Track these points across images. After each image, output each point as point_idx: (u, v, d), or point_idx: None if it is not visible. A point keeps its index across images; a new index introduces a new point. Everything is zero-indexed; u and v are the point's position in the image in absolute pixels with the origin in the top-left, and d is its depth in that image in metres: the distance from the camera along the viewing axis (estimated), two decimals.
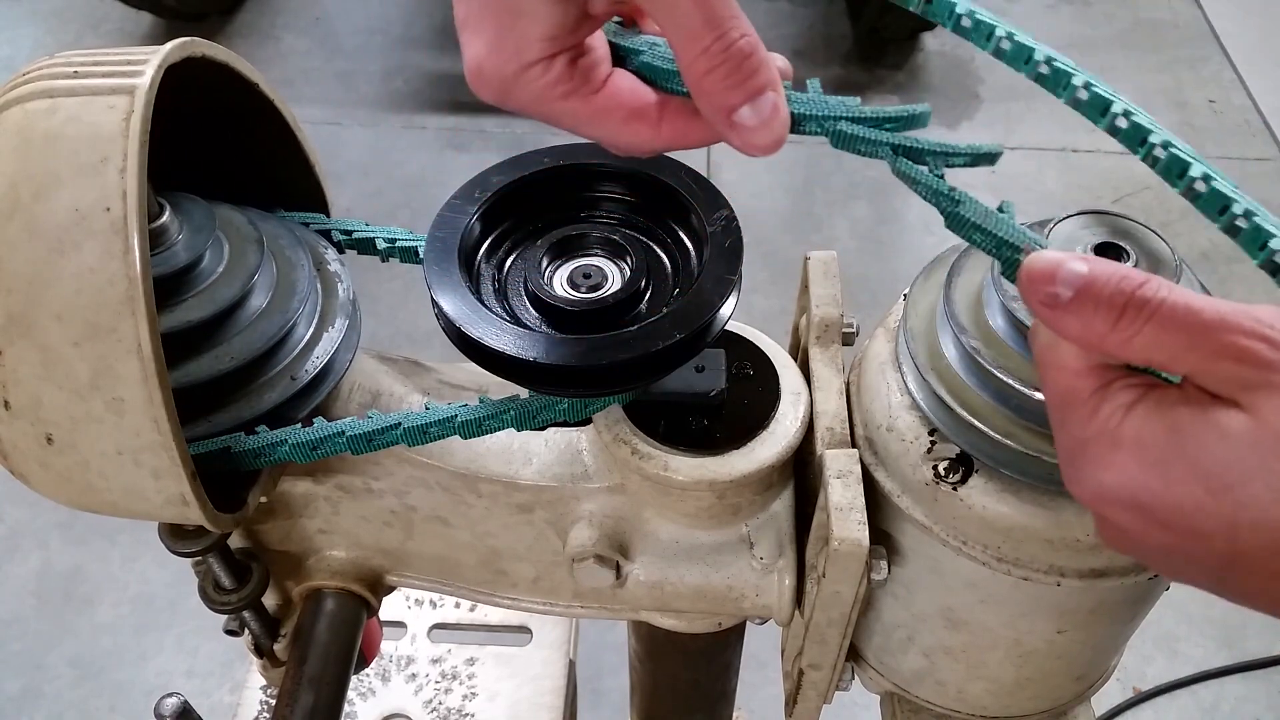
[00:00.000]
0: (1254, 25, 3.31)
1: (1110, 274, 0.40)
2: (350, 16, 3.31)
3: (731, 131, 0.43)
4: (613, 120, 0.46)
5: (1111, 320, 0.40)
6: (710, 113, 0.43)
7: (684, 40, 0.42)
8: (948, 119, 2.97)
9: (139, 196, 0.48)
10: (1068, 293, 0.41)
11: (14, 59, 3.08)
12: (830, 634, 0.62)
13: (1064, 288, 0.41)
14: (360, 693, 1.17)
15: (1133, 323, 0.39)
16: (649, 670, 0.84)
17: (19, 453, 0.53)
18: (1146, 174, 0.46)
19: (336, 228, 0.69)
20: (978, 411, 0.53)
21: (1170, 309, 0.39)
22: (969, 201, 0.47)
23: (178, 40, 0.54)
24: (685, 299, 0.55)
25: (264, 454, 0.57)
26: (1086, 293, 0.40)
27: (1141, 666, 1.84)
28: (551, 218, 0.62)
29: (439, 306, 0.55)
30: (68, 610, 1.91)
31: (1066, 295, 0.41)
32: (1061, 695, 0.66)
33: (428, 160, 2.80)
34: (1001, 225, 0.46)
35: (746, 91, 0.42)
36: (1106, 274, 0.40)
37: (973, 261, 0.58)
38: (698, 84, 0.42)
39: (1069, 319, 0.41)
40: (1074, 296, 0.40)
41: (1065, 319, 0.41)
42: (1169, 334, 0.39)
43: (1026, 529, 0.54)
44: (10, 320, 0.49)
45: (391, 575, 0.73)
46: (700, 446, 0.59)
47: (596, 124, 0.46)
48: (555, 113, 0.46)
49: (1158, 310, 0.39)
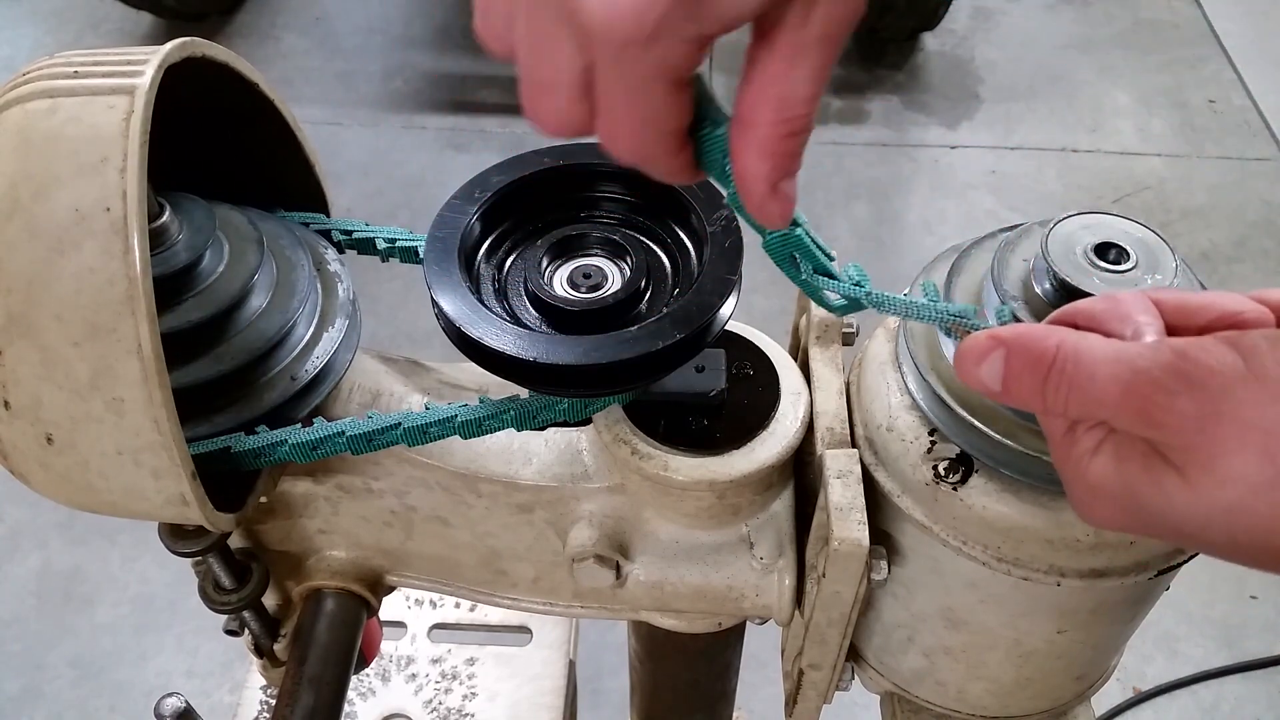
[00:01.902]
0: (1254, 25, 3.31)
1: (1024, 350, 0.41)
2: (350, 16, 3.31)
3: (773, 199, 0.40)
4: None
5: (1039, 395, 0.41)
6: (758, 177, 0.40)
7: (777, 89, 0.38)
8: (947, 119, 2.97)
9: (139, 196, 0.47)
10: (996, 386, 0.43)
11: (14, 59, 3.08)
12: (830, 634, 0.62)
13: (990, 380, 0.43)
14: (360, 693, 1.17)
15: (1057, 392, 0.40)
16: (649, 670, 0.84)
17: (19, 453, 0.53)
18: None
19: (336, 228, 0.69)
20: (978, 411, 0.53)
21: (1082, 379, 0.40)
22: (889, 298, 0.50)
23: (178, 40, 0.54)
24: (685, 299, 0.55)
25: (264, 454, 0.57)
26: (1009, 379, 0.42)
27: (1141, 666, 1.84)
28: (552, 218, 0.62)
29: (439, 306, 0.55)
30: (68, 610, 1.91)
31: (995, 387, 0.43)
32: (1062, 695, 0.66)
33: (428, 160, 2.80)
34: (927, 312, 0.49)
35: (794, 166, 0.40)
36: (1021, 351, 0.42)
37: (973, 261, 0.58)
38: (767, 142, 0.39)
39: (1009, 399, 0.43)
40: (1001, 384, 0.42)
41: (1005, 399, 0.43)
42: (1090, 402, 0.40)
43: (1026, 529, 0.54)
44: (10, 320, 0.49)
45: (391, 575, 0.73)
46: (700, 446, 0.59)
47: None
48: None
49: (1071, 380, 0.40)
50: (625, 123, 0.39)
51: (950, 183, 2.79)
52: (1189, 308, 0.42)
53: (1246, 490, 0.36)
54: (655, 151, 0.40)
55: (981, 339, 0.43)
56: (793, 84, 0.38)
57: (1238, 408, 0.36)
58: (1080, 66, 3.15)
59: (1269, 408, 0.36)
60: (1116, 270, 0.51)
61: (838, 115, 2.99)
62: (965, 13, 3.32)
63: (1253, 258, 2.61)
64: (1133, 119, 2.97)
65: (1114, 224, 0.53)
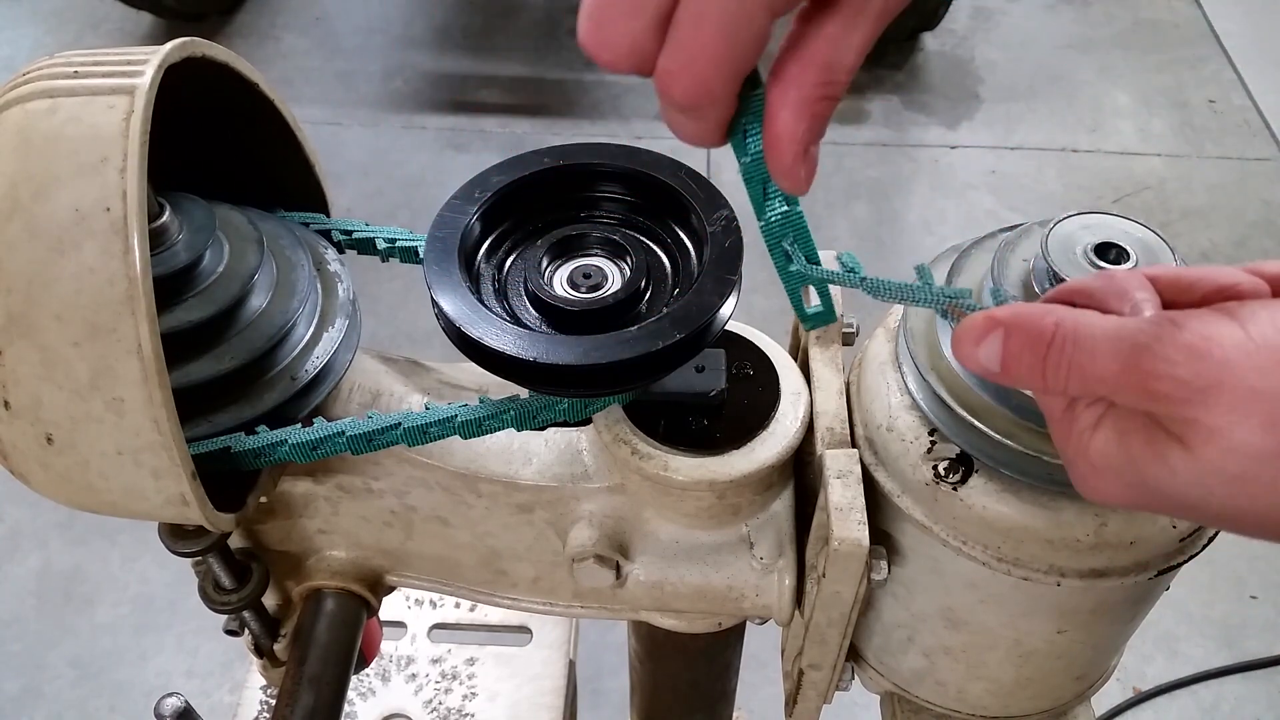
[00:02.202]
0: (1254, 25, 3.31)
1: (1022, 329, 0.41)
2: (350, 16, 3.31)
3: (803, 161, 0.41)
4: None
5: (1039, 373, 0.41)
6: (794, 137, 0.40)
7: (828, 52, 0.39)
8: (948, 119, 2.97)
9: (139, 196, 0.47)
10: (995, 366, 0.42)
11: (14, 59, 3.08)
12: (830, 634, 0.62)
13: (989, 361, 0.42)
14: (360, 693, 1.17)
15: (1057, 369, 0.40)
16: (649, 670, 0.84)
17: (19, 453, 0.53)
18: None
19: (336, 228, 0.69)
20: (978, 411, 0.53)
21: (1081, 356, 0.39)
22: (884, 283, 0.50)
23: (177, 40, 0.54)
24: (685, 299, 0.55)
25: (264, 454, 0.57)
26: (1008, 359, 0.42)
27: (1141, 666, 1.84)
28: (552, 218, 0.62)
29: (439, 306, 0.55)
30: (68, 610, 1.91)
31: (994, 368, 0.42)
32: (1062, 695, 0.66)
33: (428, 160, 2.80)
34: (923, 295, 0.48)
35: (823, 131, 0.41)
36: (1019, 331, 0.41)
37: (973, 261, 0.58)
38: (807, 103, 0.39)
39: (1008, 379, 0.42)
40: (1000, 364, 0.42)
41: (1005, 379, 0.43)
42: (1091, 378, 0.39)
43: (1026, 529, 0.54)
44: (10, 320, 0.49)
45: (391, 575, 0.73)
46: (700, 446, 0.59)
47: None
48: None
49: (1071, 357, 0.40)
50: (703, 55, 0.37)
51: (950, 183, 2.79)
52: (1184, 282, 0.42)
53: (1250, 460, 0.36)
54: (716, 95, 0.39)
55: (979, 320, 0.43)
56: (844, 50, 0.39)
57: (1239, 376, 0.36)
58: (1080, 66, 3.15)
59: (1271, 376, 0.36)
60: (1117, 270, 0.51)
61: (838, 115, 2.93)
62: (965, 13, 3.32)
63: (1253, 257, 2.59)
64: (1133, 119, 2.97)
65: (1114, 224, 0.53)
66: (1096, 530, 0.53)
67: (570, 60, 3.14)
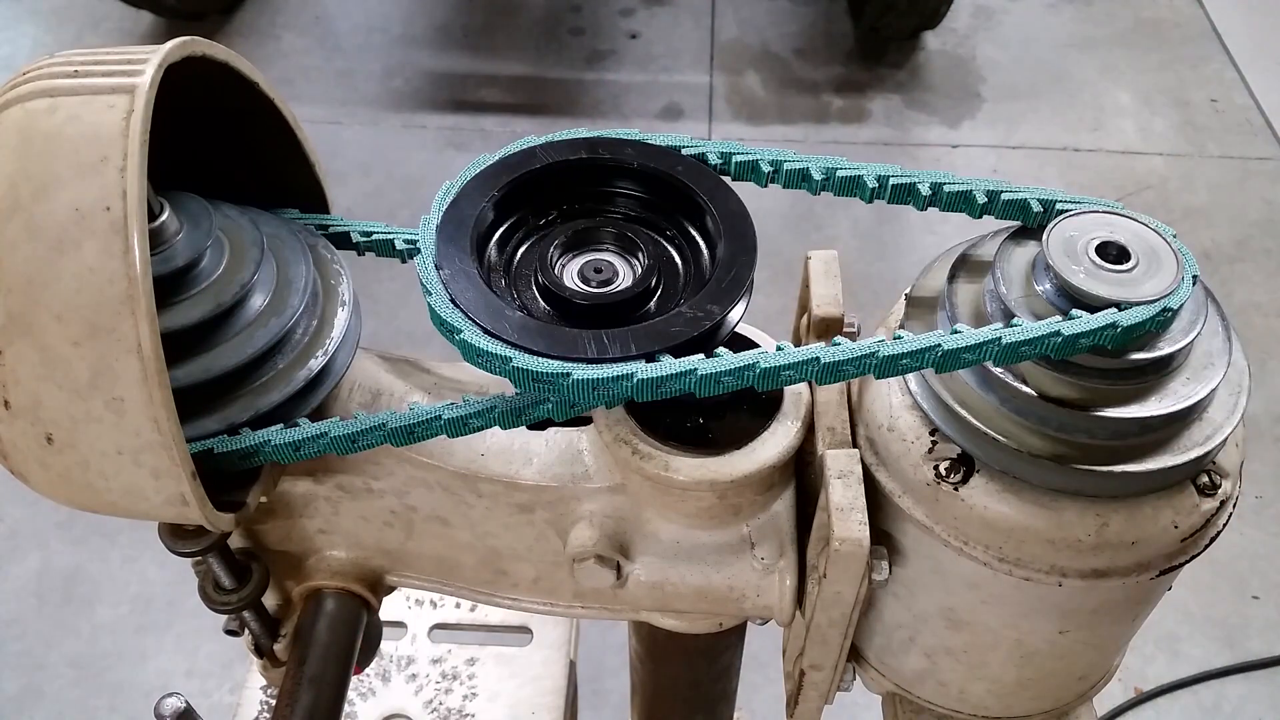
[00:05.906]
0: (1255, 24, 3.31)
1: None
2: (350, 15, 3.31)
3: None
4: None
5: None
6: None
7: None
8: (949, 118, 2.97)
9: (139, 196, 0.47)
10: None
11: (14, 58, 3.09)
12: (831, 634, 0.61)
13: None
14: (360, 693, 1.17)
15: None
16: (650, 671, 0.84)
17: (19, 452, 0.53)
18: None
19: (337, 227, 0.69)
20: (978, 412, 0.53)
21: None
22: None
23: (178, 39, 0.54)
24: (695, 299, 0.55)
25: (264, 453, 0.57)
26: None
27: (1143, 667, 1.84)
28: (565, 211, 0.62)
29: None
30: (68, 610, 1.91)
31: None
32: (1063, 695, 0.66)
33: (428, 159, 2.80)
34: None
35: None
36: None
37: (974, 261, 0.58)
38: None
39: None
40: None
41: None
42: None
43: (1028, 529, 0.53)
44: (10, 320, 0.49)
45: (392, 575, 0.73)
46: (701, 446, 0.59)
47: None
48: None
49: None
50: None
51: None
52: None
53: None
54: None
55: None
56: None
57: None
58: (1082, 65, 3.15)
59: None
60: (1118, 270, 0.51)
61: (839, 114, 2.99)
62: (967, 12, 3.32)
63: (1254, 257, 2.61)
64: (1134, 118, 2.97)
65: (1115, 223, 0.53)
66: (1098, 530, 0.53)
67: (571, 59, 3.14)
